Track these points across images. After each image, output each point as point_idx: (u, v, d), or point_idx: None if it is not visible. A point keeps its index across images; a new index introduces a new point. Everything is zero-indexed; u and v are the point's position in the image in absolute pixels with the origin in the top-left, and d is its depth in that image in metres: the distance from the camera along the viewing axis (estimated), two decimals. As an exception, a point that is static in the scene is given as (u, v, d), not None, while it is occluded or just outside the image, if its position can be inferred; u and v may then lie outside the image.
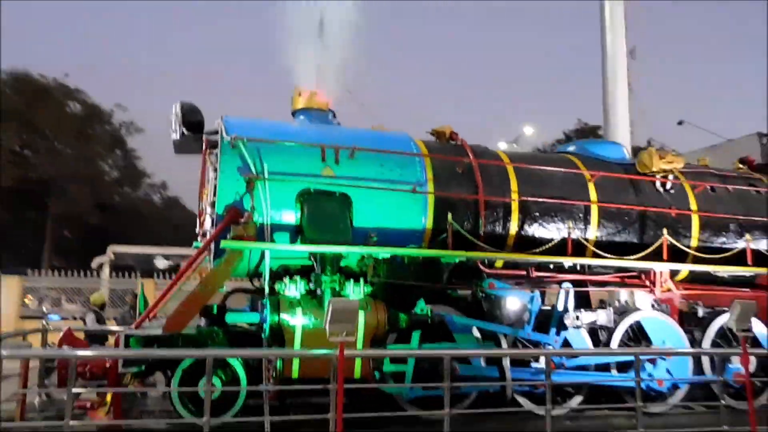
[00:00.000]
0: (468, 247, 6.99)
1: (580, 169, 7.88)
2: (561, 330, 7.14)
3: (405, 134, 7.54)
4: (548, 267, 7.45)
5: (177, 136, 6.96)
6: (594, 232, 7.66)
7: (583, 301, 7.71)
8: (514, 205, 7.36)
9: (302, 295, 6.26)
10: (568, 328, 7.16)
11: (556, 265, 7.41)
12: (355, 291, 6.35)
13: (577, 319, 7.13)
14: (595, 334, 7.60)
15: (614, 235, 7.77)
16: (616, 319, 7.52)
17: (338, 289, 6.23)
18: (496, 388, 6.79)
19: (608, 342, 7.54)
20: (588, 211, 7.67)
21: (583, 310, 7.24)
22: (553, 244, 7.21)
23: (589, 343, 7.45)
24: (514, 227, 7.38)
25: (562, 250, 7.31)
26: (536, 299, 7.03)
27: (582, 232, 7.56)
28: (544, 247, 7.13)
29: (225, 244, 5.92)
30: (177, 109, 6.98)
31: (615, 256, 7.50)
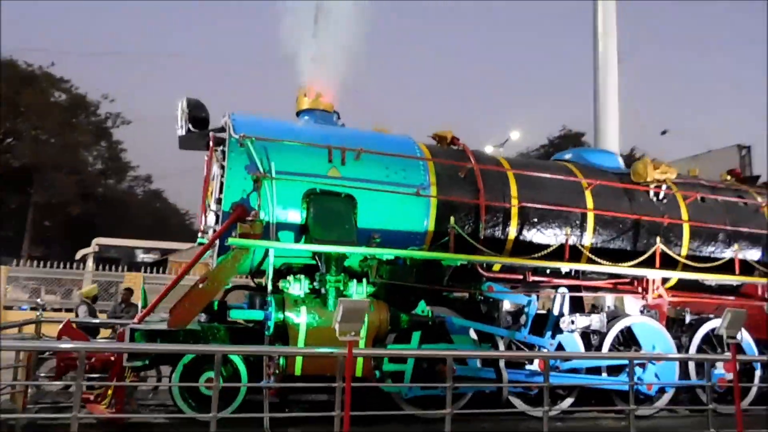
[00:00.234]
0: (468, 250, 7.12)
1: (577, 177, 8.06)
2: (556, 333, 7.31)
3: (409, 137, 7.64)
4: (545, 271, 7.62)
5: (183, 131, 6.96)
6: (589, 239, 7.85)
7: (577, 306, 7.88)
8: (514, 210, 7.51)
9: (306, 294, 6.32)
10: (563, 332, 7.32)
11: (553, 270, 7.57)
12: (358, 291, 6.44)
13: (572, 323, 7.30)
14: (587, 338, 7.80)
15: (609, 242, 7.97)
16: (608, 324, 7.72)
17: (342, 288, 6.31)
18: (492, 389, 6.93)
19: (600, 346, 7.74)
20: (584, 218, 7.84)
21: (578, 315, 7.40)
22: (551, 249, 7.36)
23: (582, 347, 7.64)
24: (513, 232, 7.53)
25: (559, 256, 7.48)
26: (533, 303, 7.19)
27: (578, 239, 7.74)
28: (543, 253, 7.29)
29: (232, 241, 5.96)
30: (183, 104, 6.98)
31: (609, 262, 7.69)
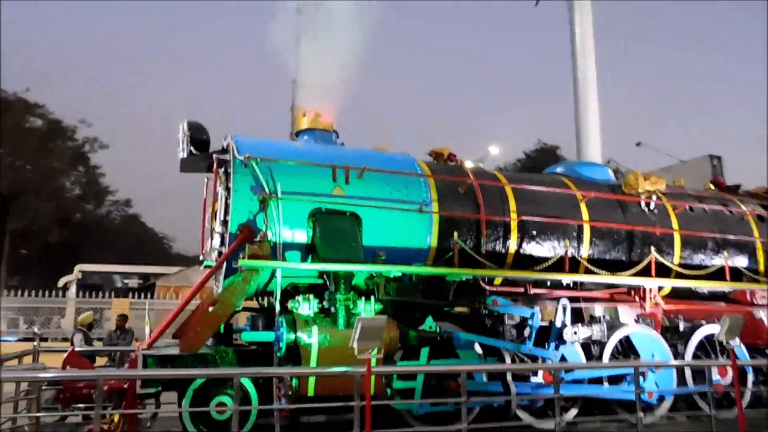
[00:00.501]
0: (471, 264, 7.21)
1: (572, 190, 8.25)
2: (560, 345, 7.41)
3: (408, 155, 7.75)
4: (545, 284, 7.74)
5: (184, 154, 6.97)
6: (586, 250, 8.01)
7: (577, 317, 8.00)
8: (513, 224, 7.64)
9: (315, 314, 6.32)
10: (566, 343, 7.43)
11: (553, 282, 7.70)
12: (366, 309, 6.46)
13: (575, 334, 7.41)
14: (587, 349, 7.91)
15: (605, 252, 8.14)
16: (608, 334, 7.85)
17: (351, 307, 6.32)
18: (500, 403, 6.98)
19: (600, 356, 7.86)
20: (581, 230, 8.02)
21: (580, 325, 7.52)
22: (551, 261, 7.50)
23: (583, 357, 7.74)
24: (514, 245, 7.65)
25: (558, 268, 7.62)
26: (536, 315, 7.30)
27: (575, 250, 7.89)
28: (545, 265, 7.42)
29: (243, 263, 5.95)
30: (185, 127, 7.00)
31: (606, 272, 7.85)
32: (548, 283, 7.73)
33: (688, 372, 8.29)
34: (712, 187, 10.38)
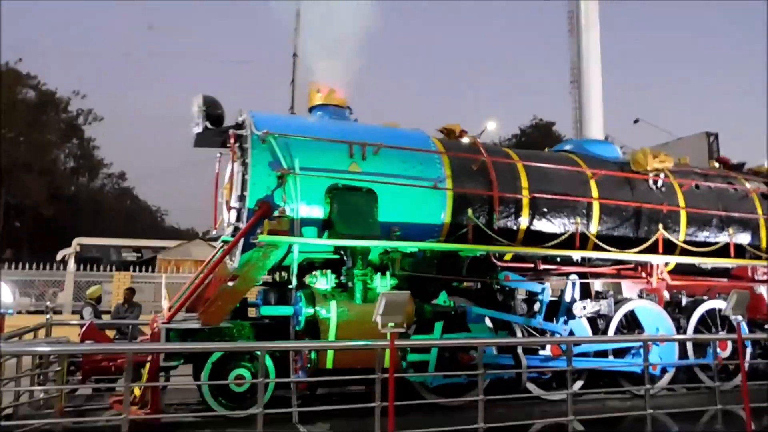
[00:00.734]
0: (483, 241, 7.30)
1: (582, 167, 8.32)
2: (569, 319, 7.56)
3: (422, 132, 7.76)
4: (554, 260, 7.86)
5: (200, 129, 6.93)
6: (595, 227, 8.12)
7: (584, 292, 8.15)
8: (525, 201, 7.72)
9: (332, 288, 6.40)
10: (575, 317, 7.59)
11: (563, 258, 7.82)
12: (382, 284, 6.54)
13: (584, 308, 7.56)
14: (593, 323, 8.08)
15: (613, 229, 8.25)
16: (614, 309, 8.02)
17: (368, 282, 6.40)
18: (511, 375, 7.14)
19: (606, 329, 8.04)
20: (590, 207, 8.11)
21: (589, 300, 7.67)
22: (562, 238, 7.60)
23: (589, 331, 7.91)
24: (525, 222, 7.74)
25: (568, 244, 7.73)
26: (547, 290, 7.43)
27: (585, 227, 7.99)
28: (556, 241, 7.53)
29: (263, 238, 5.99)
30: (200, 101, 6.95)
31: (614, 248, 7.98)
32: (558, 259, 7.85)
33: (690, 345, 8.52)
34: (717, 165, 10.50)
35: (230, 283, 6.17)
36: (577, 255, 7.70)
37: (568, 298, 7.58)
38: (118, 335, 9.46)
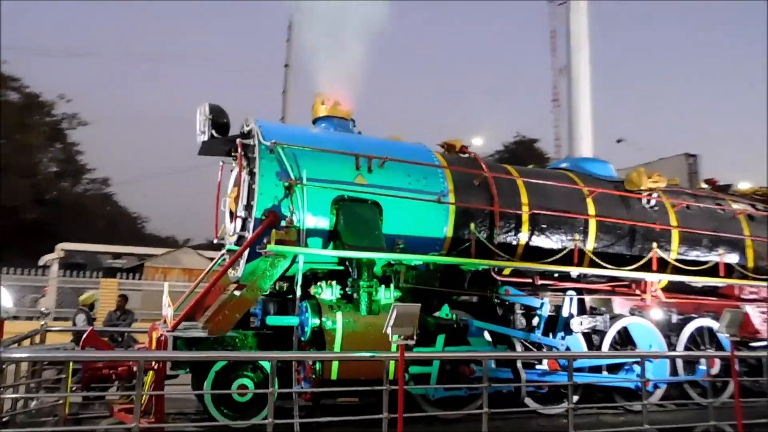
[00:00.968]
0: (485, 255, 7.39)
1: (579, 185, 8.48)
2: (566, 334, 7.68)
3: (424, 146, 7.86)
4: (552, 275, 7.97)
5: (206, 137, 6.94)
6: (592, 244, 8.27)
7: (580, 308, 8.28)
8: (525, 217, 7.84)
9: (337, 299, 6.42)
10: (572, 333, 7.70)
11: (561, 274, 7.94)
12: (386, 296, 6.58)
13: (581, 324, 7.69)
14: (588, 338, 8.20)
15: (609, 246, 8.41)
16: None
17: (373, 294, 6.44)
18: (510, 389, 7.21)
19: (600, 345, 8.16)
20: (587, 224, 8.27)
21: (586, 316, 7.80)
22: (562, 254, 7.73)
23: (585, 347, 8.03)
24: (525, 237, 7.86)
25: (566, 260, 7.86)
26: (546, 305, 7.54)
27: (582, 244, 8.14)
28: (556, 257, 7.65)
29: (272, 248, 6.00)
30: (206, 110, 6.96)
31: (611, 265, 8.13)
32: (555, 275, 7.97)
33: (680, 362, 8.69)
34: (705, 186, 10.78)
35: (237, 293, 6.15)
36: (575, 271, 7.82)
37: (565, 314, 7.71)
38: (110, 343, 9.33)
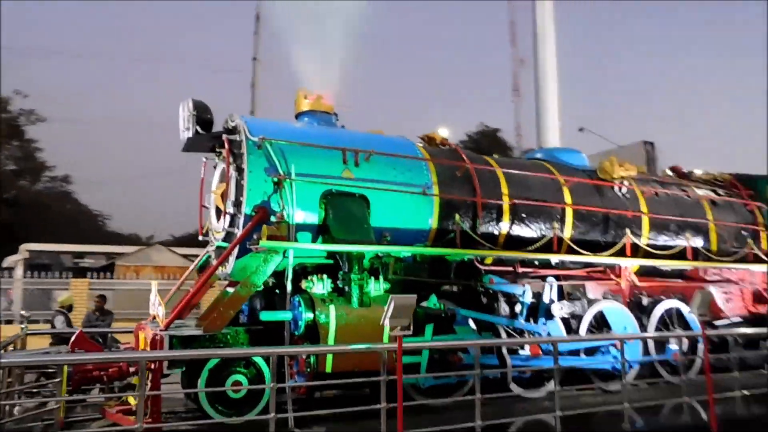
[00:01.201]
0: (469, 245, 7.57)
1: (555, 175, 8.75)
2: (547, 319, 7.95)
3: (407, 139, 7.97)
4: (532, 263, 8.22)
5: (190, 134, 6.88)
6: (569, 232, 8.55)
7: (559, 294, 8.56)
8: (506, 207, 8.05)
9: (329, 293, 6.49)
10: (552, 318, 7.97)
11: (541, 261, 8.19)
12: (376, 288, 6.69)
13: (561, 309, 7.96)
14: (566, 323, 8.50)
15: (585, 234, 8.71)
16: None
17: (364, 286, 6.53)
18: (496, 375, 7.43)
19: (578, 329, 8.47)
20: (564, 212, 8.54)
21: (566, 302, 8.08)
22: (542, 242, 7.97)
23: (564, 331, 8.32)
24: (506, 227, 8.07)
25: (545, 248, 8.11)
26: (527, 292, 7.77)
27: (560, 232, 8.40)
28: (537, 245, 7.89)
29: (265, 244, 6.02)
30: (190, 106, 6.90)
31: (587, 252, 8.43)
32: (536, 263, 8.22)
33: (651, 343, 9.09)
34: (670, 173, 11.24)
35: (229, 289, 6.16)
36: (556, 258, 8.08)
37: (546, 300, 7.96)
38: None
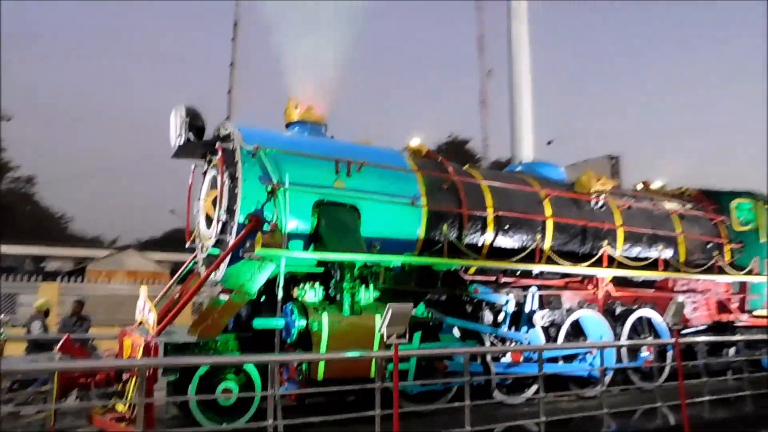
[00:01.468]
0: (454, 255, 7.75)
1: (536, 188, 9.03)
2: (529, 328, 8.18)
3: (395, 150, 8.12)
4: (514, 273, 8.45)
5: (182, 141, 6.88)
6: (549, 243, 8.83)
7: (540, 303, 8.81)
8: (490, 218, 8.27)
9: (320, 301, 6.57)
10: (534, 326, 8.21)
11: (522, 271, 8.43)
12: (365, 296, 6.79)
13: (542, 318, 8.21)
14: (545, 331, 8.76)
15: (563, 245, 9.00)
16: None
17: (356, 294, 6.63)
18: (481, 382, 7.61)
19: (557, 337, 8.74)
20: (545, 224, 8.81)
21: (547, 310, 8.34)
22: (525, 253, 8.21)
23: (543, 339, 8.58)
24: (490, 238, 8.29)
25: (527, 258, 8.36)
26: (510, 302, 8.00)
27: (541, 243, 8.67)
28: (520, 256, 8.12)
29: (260, 251, 6.06)
30: (182, 112, 6.90)
31: (567, 262, 8.72)
32: (518, 273, 8.45)
33: (624, 350, 9.44)
34: (640, 187, 11.70)
35: (222, 297, 6.17)
36: (538, 269, 8.33)
37: (528, 309, 8.20)
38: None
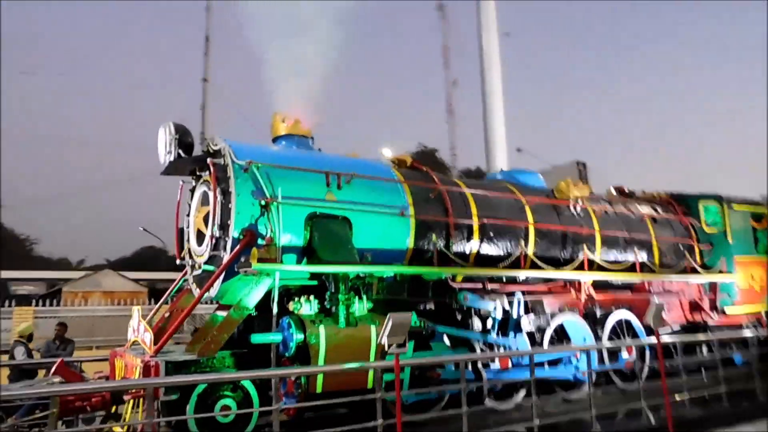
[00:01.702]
0: (443, 264, 7.89)
1: (518, 195, 9.26)
2: (516, 333, 8.36)
3: (382, 162, 8.25)
4: (500, 279, 8.64)
5: (171, 158, 6.87)
6: (532, 249, 9.05)
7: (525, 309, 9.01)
8: (476, 227, 8.45)
9: (316, 314, 6.61)
10: (521, 331, 8.40)
11: (507, 278, 8.63)
12: (359, 307, 6.86)
13: (530, 323, 8.40)
14: (531, 335, 8.95)
15: (546, 251, 9.24)
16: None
17: (351, 306, 6.70)
18: (471, 389, 7.72)
19: (542, 341, 8.94)
20: (527, 231, 9.04)
21: (532, 315, 8.54)
22: (510, 260, 8.41)
23: (529, 343, 8.77)
24: (476, 246, 8.47)
25: (512, 265, 8.56)
26: (498, 308, 8.16)
27: (524, 249, 8.90)
28: (507, 263, 8.32)
29: (256, 266, 6.08)
30: (171, 129, 6.89)
31: (549, 267, 8.95)
32: (503, 279, 8.64)
33: (605, 352, 9.70)
34: (614, 192, 12.08)
35: (220, 313, 6.16)
36: (524, 274, 8.54)
37: (514, 314, 8.38)
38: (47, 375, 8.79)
